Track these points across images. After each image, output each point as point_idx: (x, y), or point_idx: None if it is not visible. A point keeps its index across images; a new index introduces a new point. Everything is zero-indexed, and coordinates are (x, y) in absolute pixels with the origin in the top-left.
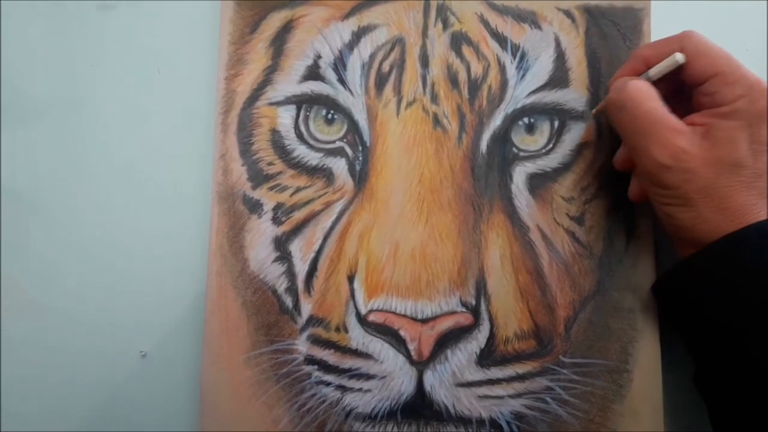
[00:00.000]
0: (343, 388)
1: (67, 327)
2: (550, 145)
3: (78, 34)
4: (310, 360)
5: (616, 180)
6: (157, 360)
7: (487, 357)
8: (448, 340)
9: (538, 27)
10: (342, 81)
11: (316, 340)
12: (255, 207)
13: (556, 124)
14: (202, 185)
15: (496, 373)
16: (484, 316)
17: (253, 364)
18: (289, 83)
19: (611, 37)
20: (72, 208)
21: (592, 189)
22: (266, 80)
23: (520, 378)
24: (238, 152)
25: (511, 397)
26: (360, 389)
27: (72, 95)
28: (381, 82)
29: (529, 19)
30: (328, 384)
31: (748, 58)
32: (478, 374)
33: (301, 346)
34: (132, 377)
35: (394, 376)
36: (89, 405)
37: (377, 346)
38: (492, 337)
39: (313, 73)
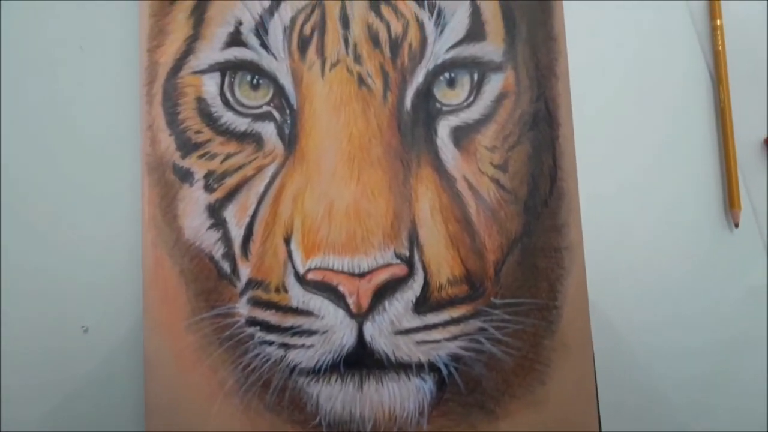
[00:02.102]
0: (286, 346)
1: (6, 308)
2: (471, 98)
3: None
4: (252, 322)
5: (537, 125)
6: (99, 334)
7: (422, 304)
8: (385, 291)
9: None
10: (265, 46)
11: (256, 302)
12: (186, 176)
13: (476, 76)
14: (131, 157)
15: (432, 318)
16: (418, 266)
17: (195, 330)
18: (211, 51)
19: None
20: (5, 188)
21: (513, 137)
22: (189, 49)
23: (454, 322)
24: (165, 122)
25: (447, 340)
26: (302, 345)
27: None
28: (303, 44)
29: None
30: (271, 343)
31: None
32: (415, 321)
33: (242, 309)
34: (75, 353)
35: (335, 330)
36: (34, 383)
37: (317, 302)
38: (426, 285)
39: (235, 40)
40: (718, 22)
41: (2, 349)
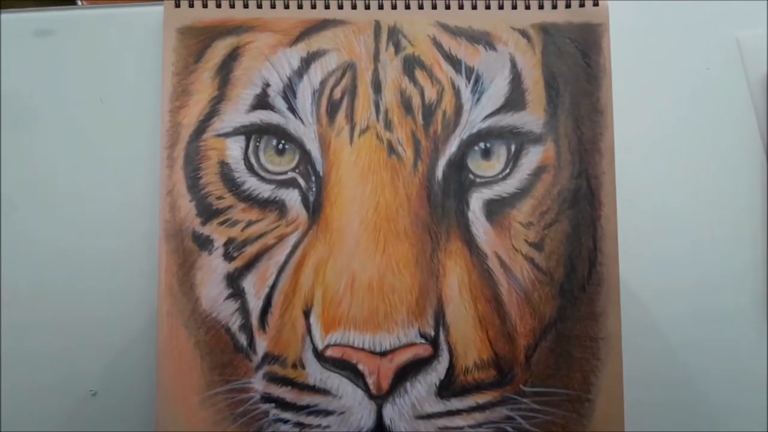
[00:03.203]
0: (301, 425)
1: (15, 365)
2: (507, 170)
3: (14, 61)
4: (267, 398)
5: (577, 203)
6: (108, 401)
7: (446, 388)
8: (407, 372)
9: (493, 48)
10: (292, 109)
11: (272, 378)
12: (205, 243)
13: (513, 148)
14: (149, 223)
15: (456, 404)
16: (444, 346)
17: (209, 405)
18: (237, 113)
19: (569, 55)
20: (17, 250)
21: (551, 214)
22: (213, 111)
23: (480, 408)
24: (186, 187)
25: (471, 427)
26: (319, 426)
27: (8, 125)
28: (333, 109)
29: (483, 40)
30: (286, 421)
31: (708, 79)
32: (438, 405)
33: (258, 384)
34: (82, 417)
35: (353, 411)
36: None
37: (335, 381)
38: (452, 367)
39: (262, 102)
40: None
41: (5, 413)
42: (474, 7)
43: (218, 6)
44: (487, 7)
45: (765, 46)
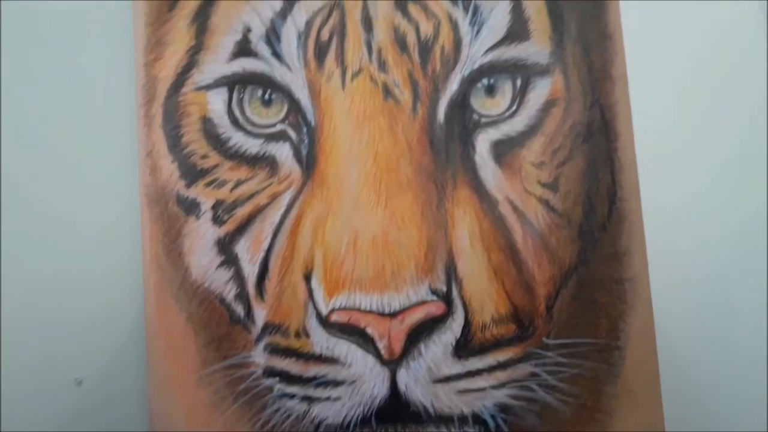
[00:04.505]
0: (309, 399)
1: None
2: (514, 107)
3: None
4: (270, 372)
5: (591, 137)
6: (96, 389)
7: (464, 347)
8: (420, 333)
9: None
10: (277, 55)
11: (274, 350)
12: (191, 207)
13: (519, 82)
14: (129, 189)
15: (475, 363)
16: (457, 302)
17: (207, 384)
18: (217, 63)
19: None
20: None
21: (564, 151)
22: (191, 62)
23: (501, 366)
24: (167, 147)
25: (493, 388)
26: (328, 398)
27: None
28: (321, 52)
29: None
30: (292, 396)
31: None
32: (456, 367)
33: (259, 357)
34: (68, 408)
35: (364, 380)
36: None
37: (343, 348)
38: (467, 324)
39: (243, 49)
40: None
41: None
42: None
43: None
44: None
45: None
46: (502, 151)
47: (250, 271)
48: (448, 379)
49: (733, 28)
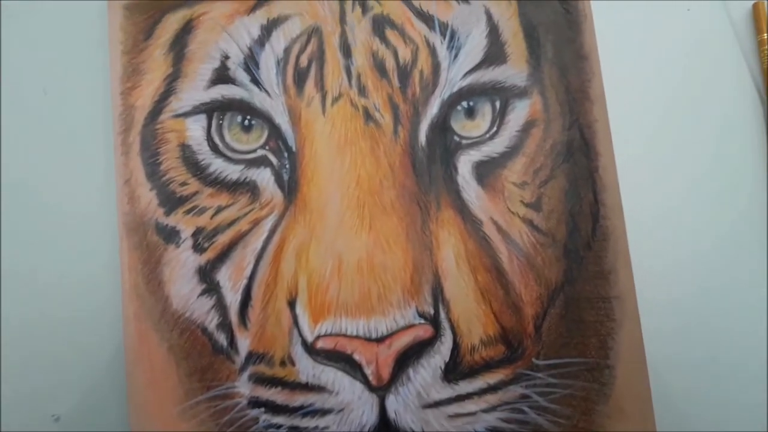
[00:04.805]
0: (296, 429)
1: None
2: (494, 129)
3: None
4: (255, 402)
5: (572, 156)
6: (74, 424)
7: (453, 370)
8: (408, 357)
9: (466, 1)
10: (256, 81)
11: (259, 379)
12: (171, 235)
13: (498, 104)
14: (106, 218)
15: (465, 387)
16: (445, 325)
17: (190, 416)
18: (195, 90)
19: (547, 2)
20: None
21: (546, 170)
22: (169, 90)
23: (492, 389)
24: (145, 175)
25: (484, 411)
26: (316, 427)
27: None
28: (300, 78)
29: None
30: (279, 427)
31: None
32: (446, 391)
33: (243, 387)
34: None
35: (353, 407)
36: None
37: (330, 375)
38: (456, 347)
39: (222, 76)
40: (765, 36)
41: None
42: None
43: None
44: None
45: None
46: (484, 172)
47: (233, 299)
48: (438, 403)
49: (707, 44)
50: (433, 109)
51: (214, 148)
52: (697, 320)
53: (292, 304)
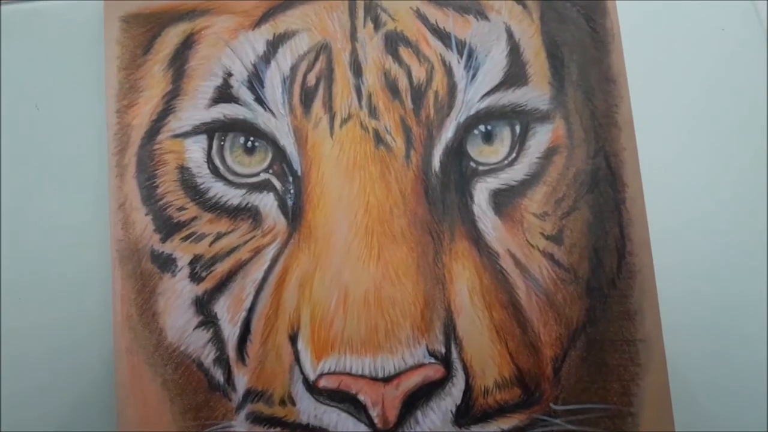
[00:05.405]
0: None
1: None
2: (514, 154)
3: None
4: None
5: (597, 186)
6: None
7: (465, 414)
8: (417, 399)
9: (485, 18)
10: (260, 101)
11: (257, 419)
12: (167, 263)
13: (518, 128)
14: (99, 244)
15: None
16: (457, 365)
17: None
18: (195, 109)
19: (572, 20)
20: None
21: (568, 201)
22: (168, 108)
23: None
24: (140, 199)
25: None
26: None
27: None
28: (307, 97)
29: (473, 9)
30: None
31: (723, 39)
32: None
33: (240, 427)
34: None
35: None
36: None
37: (332, 417)
38: (469, 389)
39: (224, 95)
40: None
41: None
42: None
43: None
44: None
45: None
46: (502, 201)
47: (231, 333)
48: None
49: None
50: (448, 132)
51: (214, 171)
52: (728, 371)
53: (293, 339)
